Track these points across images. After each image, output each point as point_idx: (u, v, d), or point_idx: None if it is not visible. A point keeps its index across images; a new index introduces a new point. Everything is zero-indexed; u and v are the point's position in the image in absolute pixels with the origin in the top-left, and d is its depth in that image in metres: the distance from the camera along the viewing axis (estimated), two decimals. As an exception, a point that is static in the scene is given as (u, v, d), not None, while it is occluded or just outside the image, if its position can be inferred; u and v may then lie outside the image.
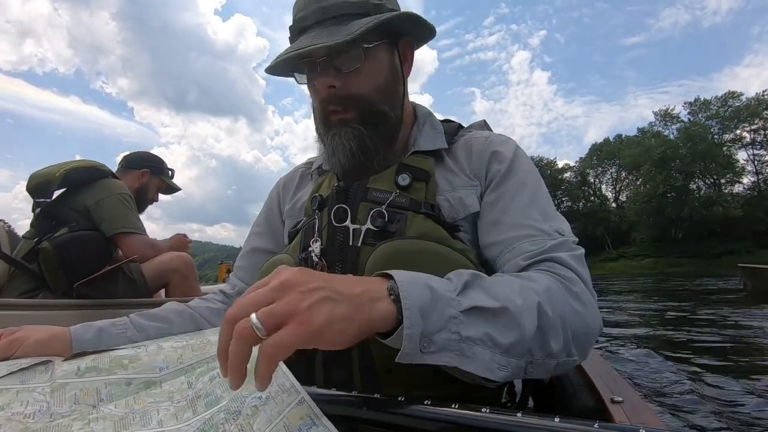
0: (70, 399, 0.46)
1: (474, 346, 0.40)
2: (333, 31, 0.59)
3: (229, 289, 0.81)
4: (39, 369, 0.51)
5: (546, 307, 0.45)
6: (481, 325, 0.41)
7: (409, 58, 0.71)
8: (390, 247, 0.54)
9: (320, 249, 0.60)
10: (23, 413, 0.44)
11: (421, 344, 0.38)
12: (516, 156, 0.65)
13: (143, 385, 0.49)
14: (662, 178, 44.03)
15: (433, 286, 0.41)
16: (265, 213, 0.83)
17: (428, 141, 0.69)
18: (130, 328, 0.66)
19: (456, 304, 0.41)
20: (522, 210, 0.60)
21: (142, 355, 0.52)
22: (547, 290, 0.47)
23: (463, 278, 0.44)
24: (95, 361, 0.51)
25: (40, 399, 0.46)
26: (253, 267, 0.79)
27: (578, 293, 0.50)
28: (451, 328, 0.39)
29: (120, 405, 0.46)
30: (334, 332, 0.34)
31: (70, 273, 1.46)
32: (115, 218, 1.58)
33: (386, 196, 0.60)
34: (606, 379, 0.68)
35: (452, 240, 0.58)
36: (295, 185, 0.81)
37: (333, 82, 0.62)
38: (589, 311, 0.50)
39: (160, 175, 1.94)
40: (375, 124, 0.64)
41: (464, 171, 0.66)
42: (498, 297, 0.43)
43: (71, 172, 1.57)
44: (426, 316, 0.38)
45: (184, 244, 1.90)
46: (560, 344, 0.46)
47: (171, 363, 0.51)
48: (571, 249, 0.56)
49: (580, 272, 0.53)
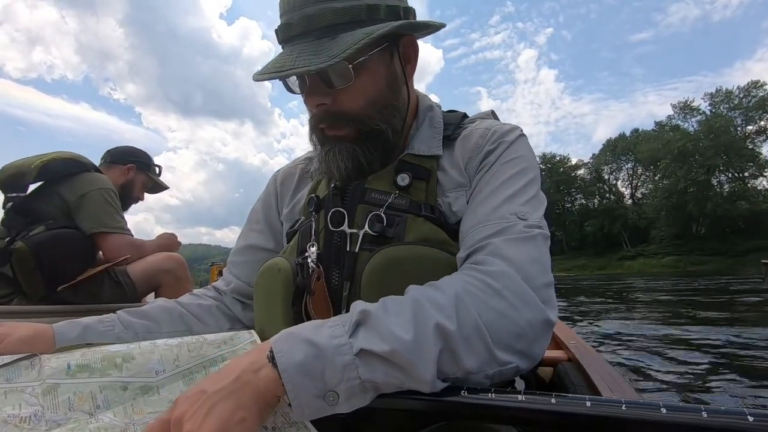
0: (64, 404, 0.45)
1: (378, 384, 0.39)
2: (318, 47, 0.53)
3: (223, 285, 0.78)
4: (24, 365, 0.49)
5: (448, 324, 0.41)
6: (377, 366, 0.39)
7: (413, 57, 0.64)
8: (387, 254, 0.53)
9: (317, 254, 0.58)
10: (19, 416, 0.44)
11: (327, 399, 0.38)
12: (509, 146, 0.61)
13: (140, 391, 0.48)
14: (683, 172, 42.79)
15: (315, 340, 0.39)
16: (263, 209, 0.79)
17: (423, 143, 0.64)
18: (118, 325, 0.65)
19: (347, 349, 0.39)
20: (484, 198, 0.56)
21: (135, 352, 0.51)
22: (454, 299, 0.43)
23: (354, 317, 0.42)
24: (86, 358, 0.49)
25: (33, 401, 0.45)
26: (249, 264, 0.76)
27: (500, 290, 0.44)
28: (349, 375, 0.38)
29: (118, 413, 0.45)
30: (234, 426, 0.36)
31: (48, 276, 1.34)
32: (96, 216, 1.46)
33: (385, 198, 0.58)
34: (606, 379, 0.68)
35: (452, 244, 0.56)
36: (294, 185, 0.76)
37: (323, 99, 0.58)
38: (520, 307, 0.44)
39: (146, 171, 1.80)
40: (372, 141, 0.60)
41: (459, 168, 0.61)
42: (385, 336, 0.40)
43: (49, 164, 1.44)
44: (313, 375, 0.38)
45: (174, 243, 1.76)
46: (480, 356, 0.41)
47: (167, 365, 0.50)
48: (517, 232, 0.50)
49: (511, 259, 0.47)
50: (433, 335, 0.40)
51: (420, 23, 0.60)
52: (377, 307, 0.43)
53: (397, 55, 0.61)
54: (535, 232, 0.51)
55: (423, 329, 0.40)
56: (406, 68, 0.63)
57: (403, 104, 0.63)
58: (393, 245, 0.54)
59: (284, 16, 0.57)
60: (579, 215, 57.23)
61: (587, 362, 0.68)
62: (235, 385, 0.38)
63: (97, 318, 0.65)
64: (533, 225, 0.51)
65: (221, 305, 0.76)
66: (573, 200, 59.54)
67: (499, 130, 0.63)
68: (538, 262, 0.48)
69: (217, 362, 0.53)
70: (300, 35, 0.55)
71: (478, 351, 0.41)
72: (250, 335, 0.58)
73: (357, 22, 0.54)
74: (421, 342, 0.39)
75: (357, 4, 0.54)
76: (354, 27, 0.54)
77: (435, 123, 0.66)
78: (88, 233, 1.44)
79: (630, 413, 0.34)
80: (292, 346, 0.39)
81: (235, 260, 0.78)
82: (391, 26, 0.55)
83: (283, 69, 0.52)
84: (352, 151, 0.59)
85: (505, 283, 0.45)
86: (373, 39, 0.52)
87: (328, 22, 0.54)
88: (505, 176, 0.57)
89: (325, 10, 0.54)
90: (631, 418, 0.34)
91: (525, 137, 0.63)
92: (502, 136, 0.62)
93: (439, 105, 0.71)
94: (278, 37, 0.58)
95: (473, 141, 0.62)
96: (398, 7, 0.58)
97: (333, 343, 0.39)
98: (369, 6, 0.55)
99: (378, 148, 0.61)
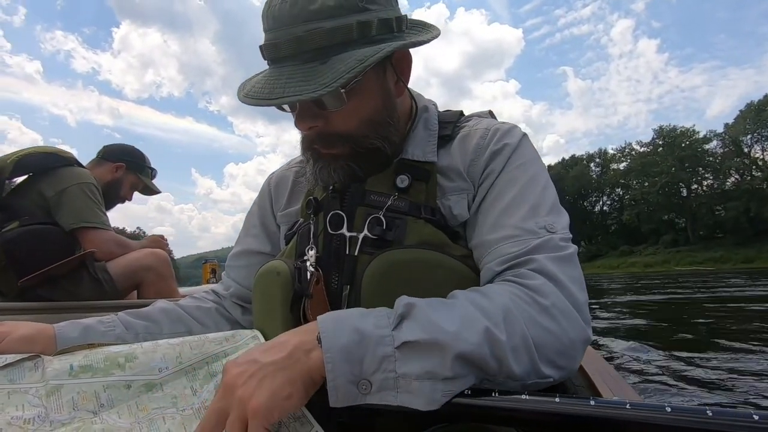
0: (68, 404, 0.46)
1: (412, 381, 0.39)
2: (309, 73, 0.51)
3: (222, 290, 0.77)
4: (27, 365, 0.50)
5: (498, 332, 0.42)
6: (415, 360, 0.39)
7: (407, 68, 0.62)
8: (388, 258, 0.53)
9: (315, 257, 0.58)
10: (22, 418, 0.44)
11: (360, 387, 0.39)
12: (515, 150, 0.60)
13: (144, 388, 0.48)
14: None
15: (360, 327, 0.41)
16: (258, 213, 0.78)
17: (418, 147, 0.62)
18: (119, 326, 0.64)
19: (389, 341, 0.40)
20: (506, 208, 0.55)
21: (138, 352, 0.51)
22: (503, 310, 0.44)
23: (399, 310, 0.42)
24: (88, 359, 0.50)
25: (36, 403, 0.45)
26: (247, 268, 0.75)
27: (548, 307, 0.46)
28: (386, 368, 0.39)
29: (123, 412, 0.46)
30: (282, 401, 0.37)
31: (21, 273, 1.28)
32: (76, 211, 1.40)
33: (384, 200, 0.57)
34: (607, 380, 0.67)
35: (453, 246, 0.55)
36: (289, 187, 0.75)
37: (314, 122, 0.56)
38: (565, 326, 0.46)
39: (137, 172, 1.74)
40: (367, 158, 0.59)
41: (458, 170, 0.60)
42: (429, 328, 0.40)
43: (25, 159, 1.38)
44: (353, 360, 0.39)
45: (161, 245, 1.71)
46: (525, 367, 0.43)
47: (170, 362, 0.50)
48: (556, 249, 0.51)
49: (557, 278, 0.48)
50: (482, 338, 0.41)
51: (411, 42, 0.57)
52: (422, 302, 0.43)
53: (390, 68, 0.59)
54: (572, 249, 0.52)
55: (471, 328, 0.41)
56: (400, 79, 0.61)
57: (399, 116, 0.62)
58: (393, 249, 0.53)
59: (270, 33, 0.53)
60: (709, 198, 47.51)
61: (587, 362, 0.67)
62: (288, 362, 0.39)
63: (97, 318, 0.65)
64: (566, 238, 0.53)
65: (221, 308, 0.75)
66: (700, 180, 49.91)
67: (501, 129, 0.62)
68: (578, 281, 0.50)
69: (220, 358, 0.54)
70: (288, 57, 0.52)
71: (522, 362, 0.43)
72: (252, 332, 0.59)
73: (348, 42, 0.52)
74: (467, 337, 0.40)
75: (347, 22, 0.51)
76: (345, 48, 0.52)
77: (430, 125, 0.65)
78: (67, 229, 1.39)
79: (635, 414, 0.34)
80: (339, 329, 0.40)
81: (233, 264, 0.78)
82: (384, 51, 0.52)
83: (273, 96, 0.51)
84: (347, 168, 0.58)
85: (552, 301, 0.46)
86: (365, 67, 0.50)
87: (318, 45, 0.51)
88: (521, 183, 0.57)
89: (314, 32, 0.50)
90: (636, 420, 0.34)
91: (527, 137, 0.63)
92: (505, 136, 0.61)
93: (435, 104, 0.70)
94: (263, 54, 0.55)
95: (473, 142, 0.61)
96: (390, 19, 0.55)
97: (377, 333, 0.40)
98: (360, 23, 0.51)
99: (374, 162, 0.60)
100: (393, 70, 0.59)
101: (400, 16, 0.58)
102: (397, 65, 0.60)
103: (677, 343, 4.20)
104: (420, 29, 0.61)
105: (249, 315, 0.74)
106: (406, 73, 0.61)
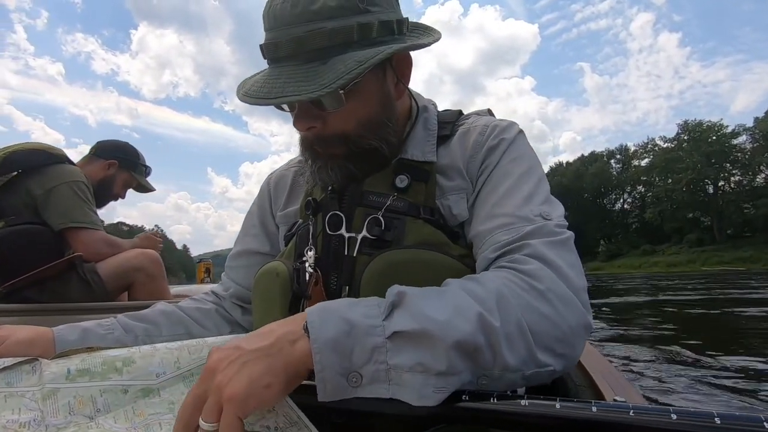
0: (64, 408, 0.45)
1: (403, 373, 0.38)
2: (308, 73, 0.51)
3: (221, 290, 0.78)
4: (25, 369, 0.49)
5: (491, 318, 0.41)
6: (407, 351, 0.38)
7: (407, 70, 0.62)
8: (387, 258, 0.53)
9: (314, 258, 0.59)
10: (18, 421, 0.43)
11: (350, 379, 0.38)
12: (511, 144, 0.61)
13: (141, 393, 0.48)
14: None
15: (349, 317, 0.39)
16: (258, 213, 0.78)
17: (417, 147, 0.63)
18: (118, 329, 0.65)
19: (380, 331, 0.39)
20: (500, 199, 0.56)
21: (135, 356, 0.50)
22: (497, 295, 0.43)
23: (390, 299, 0.41)
24: (85, 363, 0.49)
25: (33, 406, 0.45)
26: (247, 268, 0.75)
27: (544, 291, 0.45)
28: (377, 359, 0.38)
29: (119, 417, 0.45)
30: (260, 389, 0.36)
31: (6, 274, 1.26)
32: (65, 210, 1.37)
33: (383, 200, 0.58)
34: (608, 379, 0.67)
35: (452, 246, 0.56)
36: (288, 187, 0.75)
37: (313, 123, 0.56)
38: (562, 310, 0.45)
39: (130, 170, 1.70)
40: (365, 158, 0.59)
41: (458, 170, 0.61)
42: (420, 318, 0.39)
43: (13, 155, 1.36)
44: (342, 351, 0.38)
45: (154, 243, 1.67)
46: (520, 355, 0.42)
47: (168, 367, 0.50)
48: (551, 234, 0.51)
49: (552, 262, 0.47)
50: (475, 325, 0.40)
51: (411, 45, 0.57)
52: (414, 290, 0.43)
53: (390, 70, 0.59)
54: (567, 234, 0.52)
55: (463, 315, 0.40)
56: (400, 81, 0.61)
57: (399, 117, 0.62)
58: (392, 249, 0.54)
59: (270, 33, 0.54)
60: (737, 195, 45.38)
61: (589, 363, 0.65)
62: (271, 350, 0.38)
63: (96, 321, 0.65)
64: (561, 225, 0.53)
65: (221, 309, 0.76)
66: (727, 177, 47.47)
67: (498, 126, 0.63)
68: (575, 266, 0.49)
69: None
70: (288, 57, 0.53)
71: (518, 349, 0.41)
72: None
73: (348, 44, 0.52)
74: (458, 325, 0.39)
75: (348, 24, 0.51)
76: (345, 49, 0.52)
77: (429, 125, 0.65)
78: (56, 229, 1.36)
79: (638, 419, 0.33)
80: (326, 319, 0.39)
81: (232, 265, 0.78)
82: (384, 53, 0.52)
83: (271, 96, 0.51)
84: (345, 168, 0.59)
85: (548, 285, 0.45)
86: (364, 68, 0.50)
87: (318, 45, 0.52)
88: (516, 175, 0.57)
89: (314, 32, 0.51)
90: (640, 425, 0.33)
91: (523, 133, 0.64)
92: (502, 132, 0.62)
93: (434, 104, 0.70)
94: (263, 53, 0.56)
95: (472, 138, 0.62)
96: (391, 21, 0.55)
97: (366, 323, 0.39)
98: (361, 25, 0.52)
99: (372, 163, 0.60)
100: (393, 72, 0.60)
101: (401, 19, 0.58)
102: (397, 67, 0.60)
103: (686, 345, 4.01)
104: (421, 32, 0.61)
105: (249, 316, 0.74)
106: (406, 75, 0.62)
